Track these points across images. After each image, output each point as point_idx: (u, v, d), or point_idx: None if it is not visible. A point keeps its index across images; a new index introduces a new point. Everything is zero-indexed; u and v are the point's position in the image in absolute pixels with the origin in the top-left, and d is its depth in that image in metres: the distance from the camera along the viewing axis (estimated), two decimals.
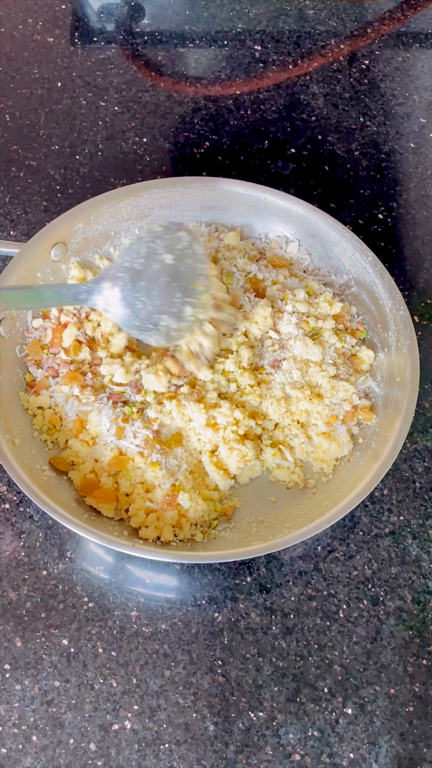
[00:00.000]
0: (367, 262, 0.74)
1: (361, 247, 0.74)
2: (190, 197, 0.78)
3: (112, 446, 0.66)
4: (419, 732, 0.61)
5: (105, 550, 0.66)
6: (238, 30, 1.03)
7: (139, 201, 0.76)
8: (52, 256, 0.72)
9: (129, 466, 0.66)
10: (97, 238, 0.76)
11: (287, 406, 0.69)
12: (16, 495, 0.68)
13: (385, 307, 0.72)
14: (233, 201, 0.78)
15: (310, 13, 1.06)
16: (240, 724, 0.60)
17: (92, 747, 0.59)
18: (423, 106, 0.97)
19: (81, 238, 0.74)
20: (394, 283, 0.72)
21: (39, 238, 0.71)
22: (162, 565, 0.66)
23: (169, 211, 0.78)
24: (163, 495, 0.64)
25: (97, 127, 0.92)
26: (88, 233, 0.75)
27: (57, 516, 0.60)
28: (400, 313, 0.71)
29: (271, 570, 0.66)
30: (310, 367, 0.70)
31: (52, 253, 0.72)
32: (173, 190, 0.77)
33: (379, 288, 0.73)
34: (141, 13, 1.03)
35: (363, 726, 0.60)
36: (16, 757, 0.58)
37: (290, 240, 0.78)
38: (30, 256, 0.71)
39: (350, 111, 0.96)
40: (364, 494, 0.62)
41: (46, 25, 1.01)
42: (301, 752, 0.59)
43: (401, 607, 0.65)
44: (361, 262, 0.74)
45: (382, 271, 0.73)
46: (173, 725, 0.60)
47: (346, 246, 0.75)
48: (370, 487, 0.62)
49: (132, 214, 0.77)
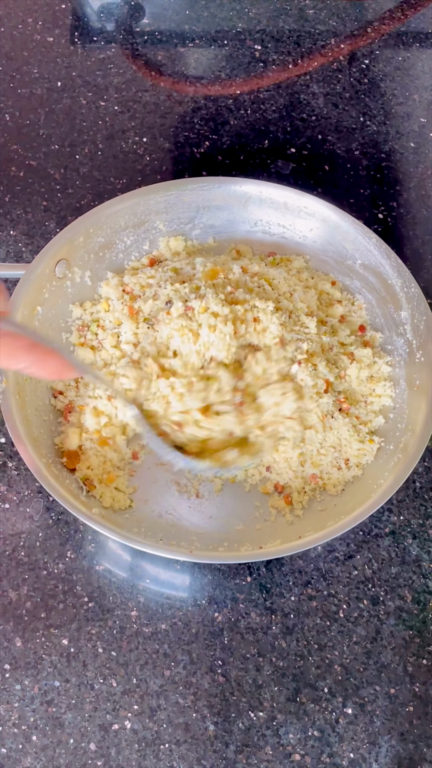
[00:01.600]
0: (371, 244, 0.74)
1: (363, 230, 0.75)
2: (185, 199, 0.78)
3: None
4: (419, 732, 0.61)
5: (105, 550, 0.66)
6: (238, 29, 1.03)
7: (135, 208, 0.76)
8: (57, 274, 0.72)
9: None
10: (98, 250, 0.75)
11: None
12: (16, 495, 0.68)
13: (395, 287, 0.73)
14: (228, 199, 0.78)
15: (310, 12, 1.05)
16: (240, 724, 0.60)
17: (92, 747, 0.59)
18: (423, 105, 0.97)
19: (83, 252, 0.74)
20: (401, 261, 0.73)
21: (42, 257, 0.71)
22: (162, 564, 0.66)
23: (166, 215, 0.78)
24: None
25: (97, 127, 0.92)
26: (89, 246, 0.74)
27: (70, 507, 0.60)
28: (411, 290, 0.72)
29: (271, 570, 0.66)
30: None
31: (57, 271, 0.72)
32: (167, 194, 0.77)
33: (387, 268, 0.73)
34: (141, 13, 1.03)
35: (363, 726, 0.60)
36: (16, 757, 0.58)
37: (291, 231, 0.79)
38: (36, 276, 0.70)
39: (350, 111, 0.96)
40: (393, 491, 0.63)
41: (46, 25, 1.01)
42: (301, 752, 0.59)
43: (401, 607, 0.65)
44: (365, 244, 0.74)
45: (387, 252, 0.73)
46: (173, 725, 0.60)
47: (347, 230, 0.75)
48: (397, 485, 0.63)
49: (130, 222, 0.76)
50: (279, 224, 0.79)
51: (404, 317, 0.72)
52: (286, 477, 0.68)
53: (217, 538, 0.65)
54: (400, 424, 0.68)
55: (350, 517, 0.62)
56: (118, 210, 0.75)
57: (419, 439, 0.64)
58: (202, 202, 0.78)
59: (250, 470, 0.68)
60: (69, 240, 0.72)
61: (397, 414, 0.69)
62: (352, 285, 0.77)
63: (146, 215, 0.77)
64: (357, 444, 0.68)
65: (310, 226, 0.78)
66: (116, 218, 0.76)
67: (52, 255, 0.71)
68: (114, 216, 0.75)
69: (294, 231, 0.79)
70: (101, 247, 0.75)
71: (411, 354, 0.71)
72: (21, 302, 0.68)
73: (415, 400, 0.68)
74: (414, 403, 0.68)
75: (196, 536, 0.65)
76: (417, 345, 0.70)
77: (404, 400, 0.69)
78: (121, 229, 0.76)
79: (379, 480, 0.65)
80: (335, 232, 0.77)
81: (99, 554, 0.66)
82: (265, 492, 0.68)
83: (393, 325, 0.73)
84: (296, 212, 0.78)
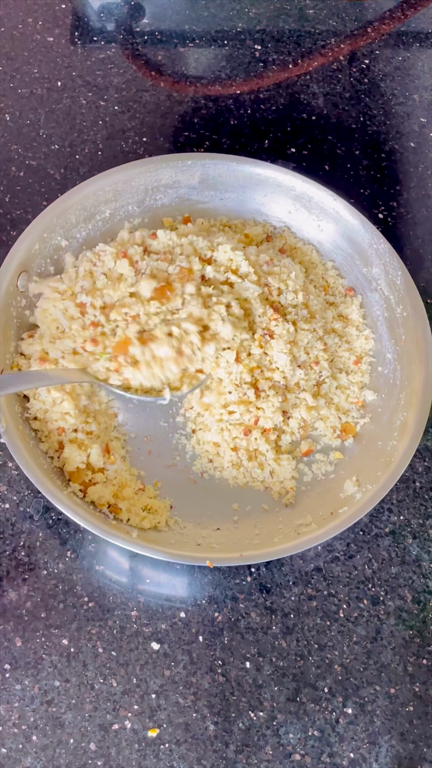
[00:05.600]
0: (338, 203, 0.76)
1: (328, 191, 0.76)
2: (132, 184, 0.76)
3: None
4: (419, 732, 0.61)
5: (105, 550, 0.66)
6: (238, 29, 1.03)
7: (84, 202, 0.74)
8: (19, 287, 0.69)
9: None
10: (52, 253, 0.73)
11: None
12: (16, 495, 0.68)
13: (362, 244, 0.74)
14: (177, 176, 0.78)
15: (310, 12, 1.05)
16: (240, 723, 0.60)
17: (92, 747, 0.59)
18: (423, 105, 0.97)
19: (40, 258, 0.72)
20: (367, 219, 0.75)
21: (5, 274, 0.68)
22: (162, 564, 0.66)
23: (115, 203, 0.76)
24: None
25: (97, 127, 0.92)
26: (44, 251, 0.72)
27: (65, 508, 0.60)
28: (380, 246, 0.73)
29: (271, 570, 0.66)
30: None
31: (19, 284, 0.69)
32: (115, 181, 0.75)
33: (354, 226, 0.75)
34: (141, 13, 1.03)
35: (363, 726, 0.60)
36: (16, 757, 0.58)
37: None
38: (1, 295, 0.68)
39: (350, 111, 0.96)
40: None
41: (46, 25, 1.01)
42: (301, 752, 0.59)
43: (401, 607, 0.65)
44: (330, 202, 0.76)
45: (352, 212, 0.75)
46: (173, 725, 0.60)
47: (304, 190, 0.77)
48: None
49: (80, 217, 0.75)
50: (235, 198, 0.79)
51: (376, 273, 0.73)
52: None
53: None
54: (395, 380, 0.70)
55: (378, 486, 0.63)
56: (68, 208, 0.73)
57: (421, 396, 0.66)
58: (151, 183, 0.77)
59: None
60: (26, 249, 0.70)
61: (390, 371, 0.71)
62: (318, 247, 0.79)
63: (95, 206, 0.75)
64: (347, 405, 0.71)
65: (264, 192, 0.78)
66: (67, 217, 0.73)
67: (12, 268, 0.69)
68: (65, 216, 0.73)
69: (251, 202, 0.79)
70: (56, 249, 0.73)
71: (389, 309, 0.72)
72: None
73: (406, 355, 0.69)
74: (405, 359, 0.70)
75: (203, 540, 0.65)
76: (396, 300, 0.71)
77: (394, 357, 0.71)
78: (73, 226, 0.74)
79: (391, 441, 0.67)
80: (291, 195, 0.77)
81: (99, 554, 0.66)
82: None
83: (365, 282, 0.75)
84: (245, 181, 0.78)
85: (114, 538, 0.60)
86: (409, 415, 0.66)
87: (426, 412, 0.66)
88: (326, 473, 0.69)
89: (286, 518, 0.66)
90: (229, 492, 0.68)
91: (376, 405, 0.71)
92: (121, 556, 0.66)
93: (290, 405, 0.70)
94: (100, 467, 0.66)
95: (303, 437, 0.70)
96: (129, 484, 0.66)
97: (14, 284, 0.69)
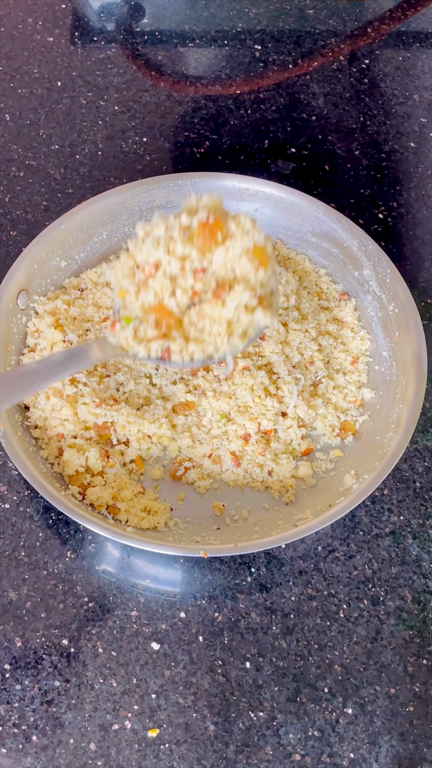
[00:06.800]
0: (319, 211, 0.76)
1: (309, 199, 0.77)
2: (127, 206, 0.77)
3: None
4: (419, 732, 0.61)
5: (105, 550, 0.66)
6: (238, 30, 1.03)
7: (81, 223, 0.75)
8: (20, 305, 0.71)
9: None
10: (53, 273, 0.75)
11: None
12: (16, 495, 0.68)
13: (351, 248, 0.75)
14: (171, 196, 0.78)
15: (310, 12, 1.05)
16: (240, 724, 0.60)
17: (92, 747, 0.59)
18: (423, 105, 0.97)
19: (40, 278, 0.73)
20: (353, 223, 0.75)
21: (4, 292, 0.69)
22: (162, 563, 0.66)
23: (111, 225, 0.77)
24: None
25: (97, 127, 0.92)
26: (44, 271, 0.73)
27: (64, 508, 0.60)
28: (369, 247, 0.74)
29: (271, 570, 0.66)
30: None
31: (19, 302, 0.71)
32: (109, 204, 0.76)
33: (340, 232, 0.75)
34: (141, 13, 1.03)
35: (363, 726, 0.60)
36: (16, 757, 0.58)
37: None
38: (1, 312, 0.69)
39: (350, 111, 0.96)
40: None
41: (46, 25, 1.01)
42: (302, 752, 0.59)
43: (401, 607, 0.65)
44: (314, 213, 0.77)
45: (338, 216, 0.76)
46: (173, 725, 0.60)
47: (293, 202, 0.77)
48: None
49: (78, 239, 0.76)
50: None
51: (367, 275, 0.74)
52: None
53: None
54: (391, 377, 0.71)
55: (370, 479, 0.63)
56: (66, 229, 0.74)
57: (415, 388, 0.67)
58: (145, 204, 0.78)
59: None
60: (26, 269, 0.71)
61: (386, 368, 0.72)
62: (310, 255, 0.79)
63: (92, 227, 0.76)
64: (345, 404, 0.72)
65: (255, 206, 0.79)
66: (65, 238, 0.75)
67: (12, 288, 0.70)
68: (63, 237, 0.74)
69: None
70: (55, 269, 0.75)
71: (383, 308, 0.73)
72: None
73: (400, 350, 0.70)
74: (399, 354, 0.70)
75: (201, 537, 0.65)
76: (387, 298, 0.72)
77: (389, 354, 0.72)
78: (71, 247, 0.75)
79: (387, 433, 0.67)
80: (281, 207, 0.78)
81: (99, 554, 0.66)
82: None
83: (357, 285, 0.76)
84: (238, 196, 0.78)
85: (109, 533, 0.60)
86: (404, 407, 0.67)
87: (420, 401, 0.66)
88: (326, 471, 0.69)
89: (286, 515, 0.66)
90: (229, 493, 0.68)
91: (374, 402, 0.71)
92: (121, 556, 0.66)
93: (287, 406, 0.70)
94: (99, 470, 0.67)
95: (303, 437, 0.70)
96: (128, 487, 0.67)
97: (14, 301, 0.70)
